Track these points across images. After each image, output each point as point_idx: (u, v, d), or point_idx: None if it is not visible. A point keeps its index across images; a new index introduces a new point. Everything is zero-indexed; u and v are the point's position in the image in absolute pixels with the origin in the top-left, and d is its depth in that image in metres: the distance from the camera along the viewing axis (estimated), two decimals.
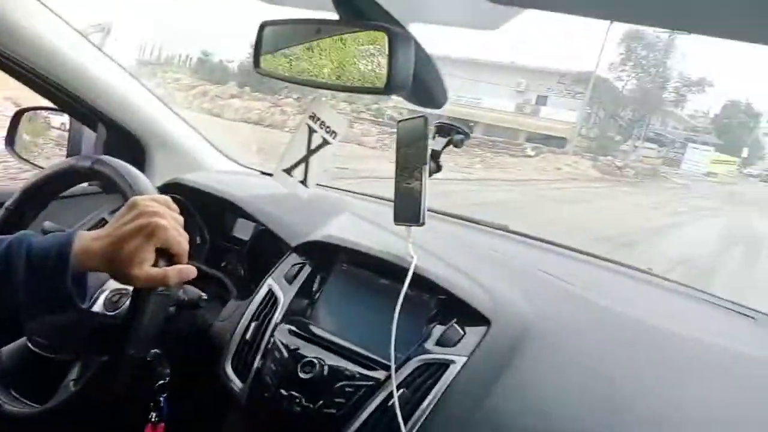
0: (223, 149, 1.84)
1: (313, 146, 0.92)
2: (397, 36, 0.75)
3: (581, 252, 1.37)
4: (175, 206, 0.91)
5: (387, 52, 0.74)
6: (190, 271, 0.88)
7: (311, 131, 0.92)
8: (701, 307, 1.19)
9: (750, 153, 35.18)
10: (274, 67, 0.90)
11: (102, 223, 1.46)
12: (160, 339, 0.98)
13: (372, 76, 0.78)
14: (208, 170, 1.70)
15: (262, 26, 0.91)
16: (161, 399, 1.05)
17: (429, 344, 0.98)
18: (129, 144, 1.57)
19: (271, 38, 0.91)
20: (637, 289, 1.24)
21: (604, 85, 22.14)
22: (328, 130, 0.93)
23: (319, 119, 0.91)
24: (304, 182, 0.93)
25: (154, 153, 1.60)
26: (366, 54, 0.78)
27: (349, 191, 1.74)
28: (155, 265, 0.84)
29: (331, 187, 1.74)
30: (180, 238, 0.87)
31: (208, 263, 1.36)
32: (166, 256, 0.86)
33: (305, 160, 0.92)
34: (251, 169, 1.87)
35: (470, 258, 1.18)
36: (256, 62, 0.92)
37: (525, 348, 0.96)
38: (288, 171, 0.92)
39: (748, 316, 1.14)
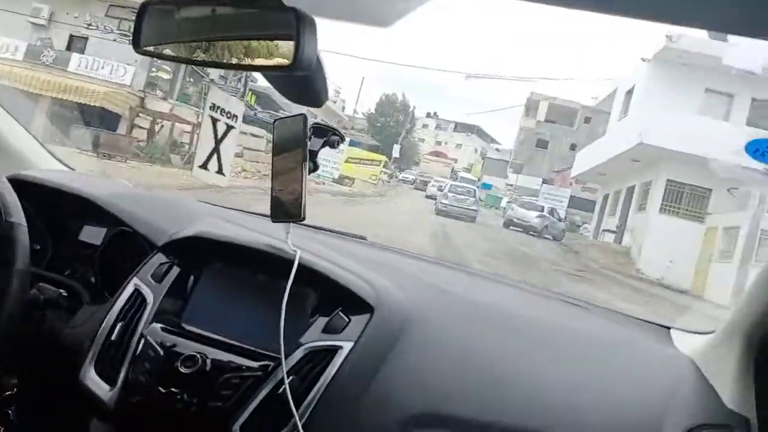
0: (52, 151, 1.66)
1: (219, 135, 0.88)
2: (303, 17, 0.77)
3: (431, 259, 1.51)
4: None
5: (295, 32, 0.76)
6: None
7: (214, 121, 0.88)
8: (539, 298, 1.36)
9: (403, 153, 30.21)
10: (159, 48, 0.87)
11: None
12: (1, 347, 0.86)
13: (276, 55, 0.78)
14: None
15: (144, 6, 0.87)
16: (9, 411, 0.92)
17: (315, 333, 1.00)
18: None
19: (154, 18, 0.87)
20: (481, 284, 1.40)
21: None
22: (228, 115, 0.90)
23: (218, 107, 0.89)
24: (220, 172, 0.89)
25: None
26: (270, 35, 0.79)
27: (208, 202, 1.68)
28: None
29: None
30: None
31: (50, 271, 1.22)
32: None
33: (216, 150, 0.88)
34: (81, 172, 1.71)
35: (340, 257, 1.21)
36: (136, 42, 0.87)
37: (407, 333, 1.01)
38: (203, 166, 0.87)
39: (580, 306, 1.32)
